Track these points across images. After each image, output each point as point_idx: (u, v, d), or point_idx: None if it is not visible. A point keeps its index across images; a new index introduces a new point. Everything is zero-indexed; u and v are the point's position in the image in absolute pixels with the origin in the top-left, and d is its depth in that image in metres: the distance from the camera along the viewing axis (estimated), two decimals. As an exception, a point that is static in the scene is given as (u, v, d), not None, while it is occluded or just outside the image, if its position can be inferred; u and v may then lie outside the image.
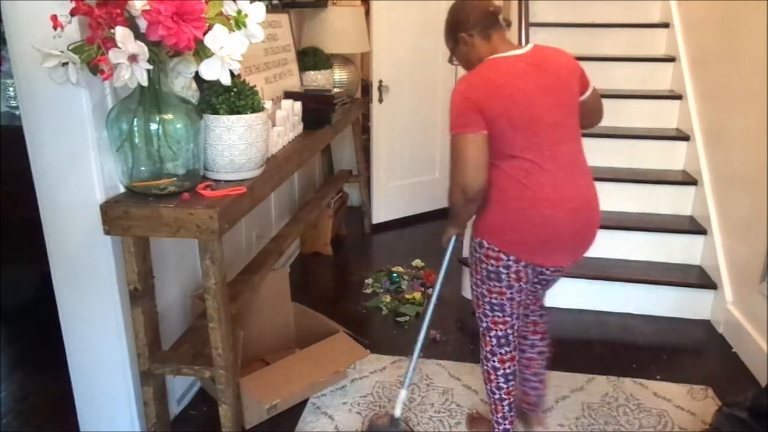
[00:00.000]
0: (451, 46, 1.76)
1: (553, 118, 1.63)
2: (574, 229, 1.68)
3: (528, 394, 2.01)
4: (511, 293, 1.73)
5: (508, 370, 1.83)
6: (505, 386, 1.85)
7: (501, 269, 1.69)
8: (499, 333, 1.80)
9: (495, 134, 1.60)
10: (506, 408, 1.87)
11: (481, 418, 2.10)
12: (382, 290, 3.11)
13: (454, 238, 1.88)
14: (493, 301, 1.75)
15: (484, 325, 1.82)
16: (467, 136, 1.59)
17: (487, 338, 1.82)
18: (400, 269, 3.31)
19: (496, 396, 1.86)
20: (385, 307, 2.93)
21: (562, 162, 1.65)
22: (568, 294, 2.97)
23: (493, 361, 1.83)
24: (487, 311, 1.78)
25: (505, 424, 1.88)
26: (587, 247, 1.78)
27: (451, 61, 1.80)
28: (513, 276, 1.70)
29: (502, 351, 1.82)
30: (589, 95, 1.78)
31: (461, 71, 1.77)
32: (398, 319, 2.82)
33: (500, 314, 1.77)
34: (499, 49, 1.67)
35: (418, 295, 3.01)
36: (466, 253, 3.05)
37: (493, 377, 1.85)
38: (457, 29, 1.70)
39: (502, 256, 1.68)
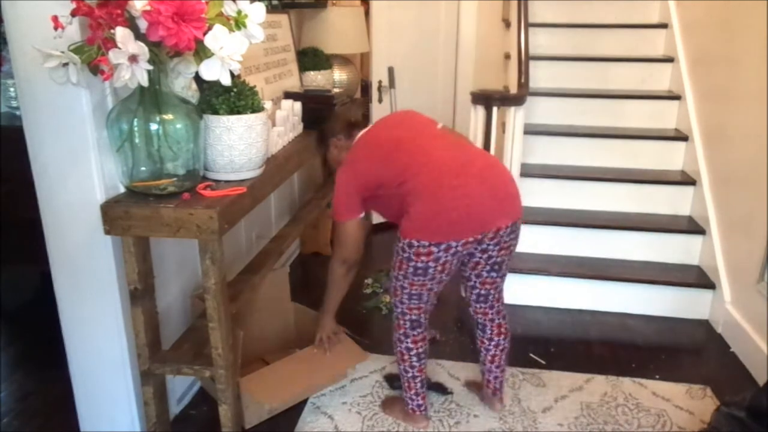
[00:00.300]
0: (323, 154, 2.20)
1: (410, 135, 1.92)
2: (488, 188, 1.80)
3: (490, 381, 2.16)
4: (431, 285, 1.88)
5: (420, 350, 2.00)
6: (417, 365, 2.01)
7: (430, 263, 1.81)
8: (413, 317, 1.96)
9: (379, 185, 1.90)
10: (418, 385, 2.04)
11: (393, 398, 2.22)
12: (381, 290, 3.11)
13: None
14: (413, 292, 1.90)
15: (399, 310, 1.96)
16: (348, 223, 2.00)
17: (401, 322, 1.98)
18: None
19: (409, 374, 2.02)
20: (384, 307, 2.93)
21: (443, 144, 1.88)
22: (567, 294, 2.97)
23: (407, 343, 1.99)
24: (404, 299, 1.93)
25: (418, 400, 2.06)
26: (513, 202, 1.86)
27: (324, 164, 2.21)
28: (439, 268, 1.82)
29: (415, 333, 1.98)
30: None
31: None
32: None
33: (416, 302, 1.93)
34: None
35: None
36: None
37: (406, 357, 2.00)
38: (326, 138, 2.13)
39: (433, 248, 1.78)
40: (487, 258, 1.90)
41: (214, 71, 1.49)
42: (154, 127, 1.53)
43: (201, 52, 1.46)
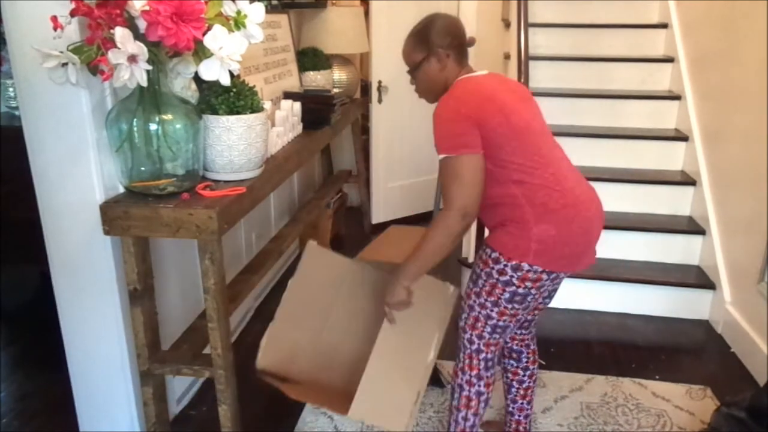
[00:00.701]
0: (419, 59, 1.62)
1: (538, 125, 1.60)
2: (599, 225, 1.64)
3: (520, 422, 1.89)
4: (523, 314, 1.63)
5: (490, 395, 1.71)
6: (482, 412, 1.72)
7: (533, 290, 1.56)
8: (489, 355, 1.67)
9: (501, 146, 1.50)
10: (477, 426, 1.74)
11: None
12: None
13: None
14: (500, 323, 1.61)
15: (474, 347, 1.66)
16: (465, 157, 1.48)
17: (475, 361, 1.66)
18: None
19: (470, 423, 1.70)
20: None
21: (566, 165, 1.62)
22: (567, 294, 2.96)
23: (479, 386, 1.67)
24: (485, 333, 1.64)
25: None
26: (595, 243, 1.71)
27: (412, 73, 1.66)
28: (538, 296, 1.61)
29: (488, 374, 1.68)
30: None
31: None
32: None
33: (498, 336, 1.65)
34: (464, 75, 1.62)
35: None
36: (465, 252, 3.07)
37: (474, 403, 1.68)
38: (435, 42, 1.59)
39: (544, 275, 1.55)
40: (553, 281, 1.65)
41: (213, 71, 1.49)
42: (153, 127, 1.53)
43: (200, 52, 1.46)
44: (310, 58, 3.08)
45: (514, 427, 1.91)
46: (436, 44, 1.60)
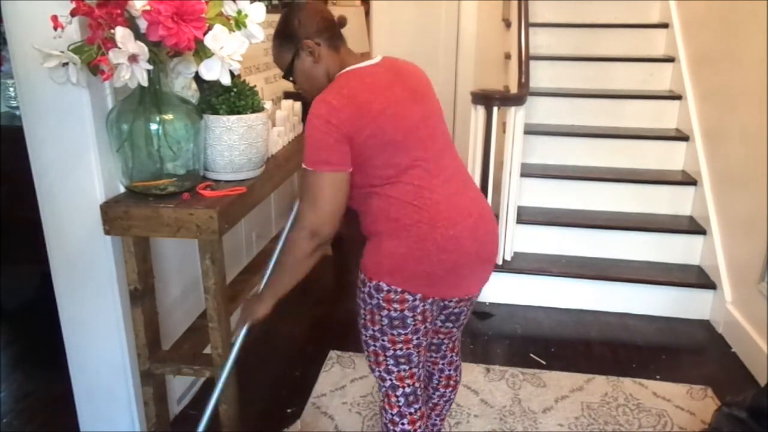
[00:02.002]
0: (289, 59, 1.44)
1: (427, 129, 1.43)
2: (477, 246, 1.43)
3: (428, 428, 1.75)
4: (417, 339, 1.45)
5: (419, 430, 1.53)
6: None
7: (406, 312, 1.40)
8: (407, 390, 1.50)
9: (371, 158, 1.36)
10: None
11: None
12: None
13: (246, 326, 1.58)
14: (398, 353, 1.45)
15: (388, 383, 1.50)
16: (326, 175, 1.33)
17: (393, 399, 1.50)
18: None
19: None
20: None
21: (449, 174, 1.44)
22: (567, 294, 2.97)
23: (402, 425, 1.51)
24: (391, 367, 1.47)
25: None
26: (491, 266, 1.52)
27: (288, 76, 1.48)
28: (419, 318, 1.42)
29: (411, 410, 1.51)
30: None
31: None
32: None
33: (406, 367, 1.48)
34: (348, 62, 1.43)
35: None
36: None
37: None
38: (300, 34, 1.41)
39: (407, 296, 1.39)
40: (444, 307, 1.53)
41: (214, 71, 1.49)
42: (154, 127, 1.53)
43: (201, 52, 1.46)
44: (310, 58, 3.07)
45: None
46: (301, 36, 1.41)
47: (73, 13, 1.35)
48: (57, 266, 1.79)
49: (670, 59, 3.53)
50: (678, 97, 3.39)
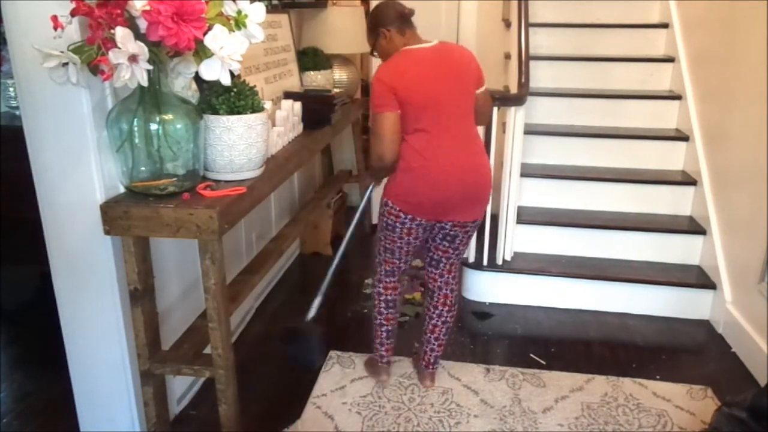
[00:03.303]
0: (372, 41, 2.10)
1: (450, 99, 1.97)
2: (463, 190, 2.00)
3: (426, 353, 2.31)
4: (400, 243, 2.12)
5: (389, 297, 2.24)
6: (385, 312, 2.25)
7: (397, 224, 2.06)
8: (387, 268, 2.22)
9: (404, 113, 1.94)
10: (384, 334, 2.27)
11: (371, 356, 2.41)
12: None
13: (371, 186, 2.30)
14: (387, 246, 2.16)
15: (378, 259, 2.23)
16: (383, 115, 1.93)
17: (379, 269, 2.24)
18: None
19: (377, 321, 2.27)
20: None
21: (456, 135, 1.99)
22: (567, 294, 2.97)
23: (379, 287, 2.24)
24: (381, 251, 2.19)
25: (381, 350, 2.29)
26: (481, 206, 2.08)
27: (372, 53, 2.14)
28: (405, 230, 2.07)
29: (387, 280, 2.23)
30: (480, 92, 2.06)
31: None
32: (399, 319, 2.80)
33: (390, 256, 2.18)
34: (410, 43, 2.02)
35: (417, 295, 3.01)
36: (465, 253, 3.06)
37: (377, 302, 2.26)
38: (378, 25, 2.05)
39: (401, 214, 2.03)
40: (440, 228, 2.10)
41: (214, 71, 1.49)
42: (154, 127, 1.53)
43: (201, 52, 1.46)
44: (310, 58, 3.08)
45: (421, 355, 2.35)
46: (379, 25, 2.05)
47: (73, 13, 1.35)
48: (57, 266, 1.79)
49: (670, 59, 3.53)
50: (678, 97, 3.39)
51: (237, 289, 2.06)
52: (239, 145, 1.70)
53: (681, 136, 3.26)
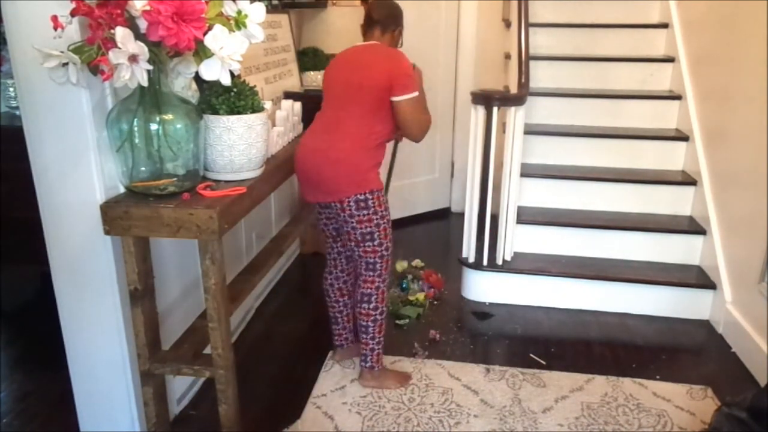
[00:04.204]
0: (399, 31, 2.24)
1: (337, 93, 2.11)
2: (305, 169, 2.08)
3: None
4: (322, 227, 2.29)
5: (325, 286, 2.39)
6: (326, 300, 2.40)
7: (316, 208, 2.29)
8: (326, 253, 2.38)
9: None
10: (331, 320, 2.43)
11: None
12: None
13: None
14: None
15: None
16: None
17: None
18: (405, 265, 3.29)
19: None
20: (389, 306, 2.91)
21: (327, 122, 2.11)
22: (567, 294, 2.97)
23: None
24: None
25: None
26: (325, 189, 2.09)
27: (388, 37, 2.21)
28: (321, 215, 2.25)
29: (325, 272, 2.39)
30: (398, 101, 2.07)
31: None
32: (398, 321, 2.80)
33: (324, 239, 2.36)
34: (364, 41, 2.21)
35: (421, 296, 2.97)
36: (465, 253, 3.07)
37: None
38: (400, 20, 2.23)
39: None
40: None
41: (214, 71, 1.49)
42: (154, 127, 1.53)
43: (201, 52, 1.46)
44: (310, 58, 3.08)
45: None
46: (401, 22, 2.25)
47: (73, 13, 1.35)
48: (57, 266, 1.79)
49: (670, 59, 3.53)
50: (678, 97, 3.39)
51: (237, 289, 2.05)
52: (239, 145, 1.70)
53: (681, 136, 3.26)
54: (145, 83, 1.41)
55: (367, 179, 2.08)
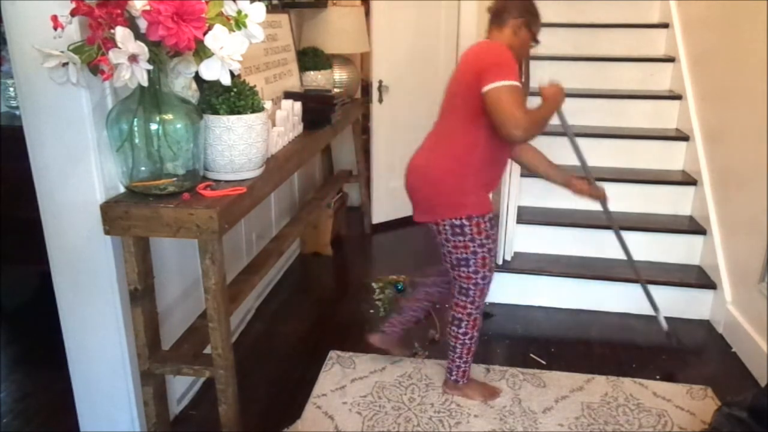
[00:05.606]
0: (523, 23, 2.02)
1: (443, 103, 2.03)
2: (406, 185, 2.09)
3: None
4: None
5: (422, 278, 2.40)
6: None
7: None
8: None
9: None
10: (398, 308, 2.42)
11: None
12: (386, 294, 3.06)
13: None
14: None
15: None
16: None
17: None
18: (403, 277, 3.24)
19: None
20: (383, 309, 2.91)
21: (431, 136, 2.06)
22: (567, 294, 2.97)
23: None
24: None
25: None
26: (422, 208, 2.06)
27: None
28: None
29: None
30: (485, 91, 1.82)
31: None
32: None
33: None
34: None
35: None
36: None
37: None
38: (521, 11, 2.01)
39: None
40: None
41: (214, 71, 1.49)
42: (154, 127, 1.53)
43: (201, 52, 1.46)
44: (310, 58, 3.08)
45: None
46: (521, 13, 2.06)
47: (73, 13, 1.35)
48: (57, 266, 1.79)
49: (670, 59, 3.53)
50: (678, 97, 3.39)
51: (237, 289, 2.06)
52: (239, 145, 1.70)
53: (681, 136, 3.26)
54: (145, 83, 1.41)
55: (464, 203, 1.94)
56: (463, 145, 1.93)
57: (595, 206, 3.20)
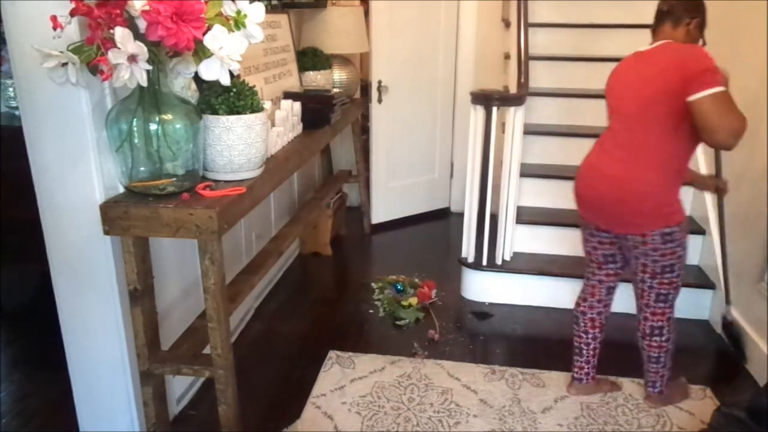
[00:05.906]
0: (697, 24, 2.11)
1: (628, 108, 1.97)
2: (598, 196, 1.99)
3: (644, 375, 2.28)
4: (587, 248, 2.19)
5: (576, 312, 2.29)
6: (575, 328, 2.30)
7: (585, 234, 2.17)
8: (584, 282, 2.26)
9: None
10: (576, 350, 2.30)
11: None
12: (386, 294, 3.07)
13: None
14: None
15: None
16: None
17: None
18: (402, 278, 3.23)
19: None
20: (383, 309, 2.91)
21: (622, 144, 1.97)
22: (567, 294, 2.97)
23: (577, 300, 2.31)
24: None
25: (575, 367, 2.32)
26: (626, 220, 1.97)
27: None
28: (585, 232, 2.16)
29: (580, 293, 2.28)
30: (693, 100, 1.79)
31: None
32: (397, 322, 2.80)
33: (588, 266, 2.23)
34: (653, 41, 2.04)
35: (414, 300, 2.95)
36: (465, 253, 3.07)
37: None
38: (698, 11, 2.07)
39: (582, 222, 2.16)
40: (624, 240, 2.03)
41: (213, 71, 1.49)
42: (153, 127, 1.53)
43: (200, 52, 1.46)
44: (310, 58, 3.08)
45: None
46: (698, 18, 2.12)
47: (72, 13, 1.35)
48: (57, 266, 1.79)
49: (669, 59, 3.52)
50: (677, 97, 3.38)
51: (237, 289, 2.06)
52: (238, 145, 1.70)
53: (681, 136, 3.25)
54: (144, 83, 1.41)
55: (674, 211, 1.93)
56: (669, 154, 1.90)
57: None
